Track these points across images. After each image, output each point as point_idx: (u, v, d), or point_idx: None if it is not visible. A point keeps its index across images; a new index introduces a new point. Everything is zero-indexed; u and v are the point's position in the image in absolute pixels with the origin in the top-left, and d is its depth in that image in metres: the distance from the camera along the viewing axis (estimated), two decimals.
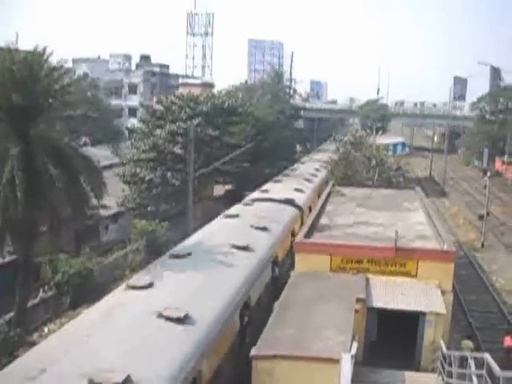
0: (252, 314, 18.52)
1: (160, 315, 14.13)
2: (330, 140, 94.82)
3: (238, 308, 17.31)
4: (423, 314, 18.40)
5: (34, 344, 14.49)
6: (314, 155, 70.47)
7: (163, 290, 16.35)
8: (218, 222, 26.77)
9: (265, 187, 37.93)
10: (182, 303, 15.13)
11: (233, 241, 21.96)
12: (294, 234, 26.76)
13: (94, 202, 28.25)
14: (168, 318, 14.05)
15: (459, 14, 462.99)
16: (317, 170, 50.78)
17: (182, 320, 14.16)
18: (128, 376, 10.98)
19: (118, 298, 15.96)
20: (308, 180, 43.38)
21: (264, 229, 24.87)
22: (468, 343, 24.80)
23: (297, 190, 36.37)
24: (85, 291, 29.81)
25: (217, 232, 24.37)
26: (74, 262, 31.24)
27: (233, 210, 29.46)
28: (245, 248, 21.51)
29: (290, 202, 31.71)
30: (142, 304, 15.00)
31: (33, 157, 23.63)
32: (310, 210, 31.11)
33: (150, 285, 16.32)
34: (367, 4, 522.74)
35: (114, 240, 39.92)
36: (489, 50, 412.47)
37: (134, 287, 16.25)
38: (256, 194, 34.78)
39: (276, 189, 36.61)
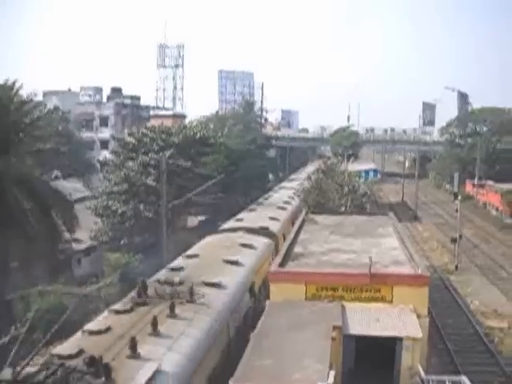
0: None
1: None
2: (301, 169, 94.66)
3: None
4: (400, 339, 18.40)
5: None
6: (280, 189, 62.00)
7: None
8: None
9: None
10: None
11: None
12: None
13: (67, 235, 28.01)
14: None
15: (426, 39, 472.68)
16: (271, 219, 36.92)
17: None
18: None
19: None
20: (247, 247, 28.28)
21: None
22: None
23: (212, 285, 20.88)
24: (58, 327, 29.18)
25: None
26: (46, 298, 30.69)
27: None
28: None
29: None
30: None
31: (4, 192, 23.37)
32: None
33: None
34: (336, 33, 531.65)
35: (88, 274, 39.36)
36: (456, 76, 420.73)
37: None
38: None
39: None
